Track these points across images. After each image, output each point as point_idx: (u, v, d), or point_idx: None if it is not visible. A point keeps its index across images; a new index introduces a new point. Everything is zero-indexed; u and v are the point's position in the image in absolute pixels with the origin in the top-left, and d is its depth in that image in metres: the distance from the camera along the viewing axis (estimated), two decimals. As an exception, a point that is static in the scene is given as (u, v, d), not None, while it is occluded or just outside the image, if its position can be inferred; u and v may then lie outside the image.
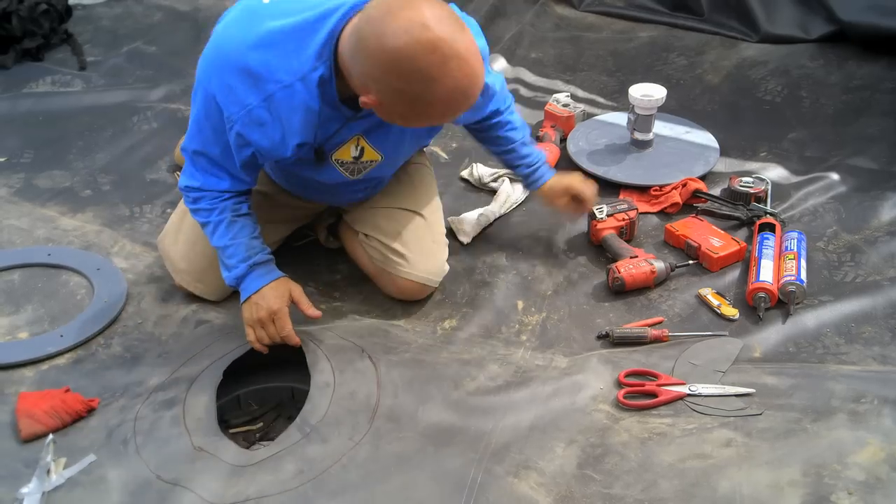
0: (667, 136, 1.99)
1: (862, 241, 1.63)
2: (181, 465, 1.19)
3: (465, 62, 1.09)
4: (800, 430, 1.20)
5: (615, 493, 1.13)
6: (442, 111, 1.14)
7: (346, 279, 1.60)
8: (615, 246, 1.62)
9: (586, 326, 1.48)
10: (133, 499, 1.15)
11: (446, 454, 1.20)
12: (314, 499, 1.14)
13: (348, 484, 1.16)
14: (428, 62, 1.07)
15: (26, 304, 1.52)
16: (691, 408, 1.27)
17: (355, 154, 1.34)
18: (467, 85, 1.11)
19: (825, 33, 2.33)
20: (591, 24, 2.61)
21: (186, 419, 1.25)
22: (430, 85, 1.09)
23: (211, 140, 1.30)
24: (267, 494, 1.14)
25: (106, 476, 1.17)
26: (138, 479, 1.17)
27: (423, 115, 1.16)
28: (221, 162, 1.33)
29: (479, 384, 1.33)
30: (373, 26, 1.09)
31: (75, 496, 1.15)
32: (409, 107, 1.13)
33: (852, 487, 1.10)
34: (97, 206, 1.82)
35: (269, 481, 1.16)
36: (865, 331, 1.40)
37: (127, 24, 2.65)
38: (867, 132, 1.98)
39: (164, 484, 1.16)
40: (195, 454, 1.20)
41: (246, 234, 1.36)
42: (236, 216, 1.36)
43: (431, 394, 1.30)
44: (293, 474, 1.17)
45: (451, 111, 1.15)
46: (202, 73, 1.25)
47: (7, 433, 1.24)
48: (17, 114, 2.17)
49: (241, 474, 1.18)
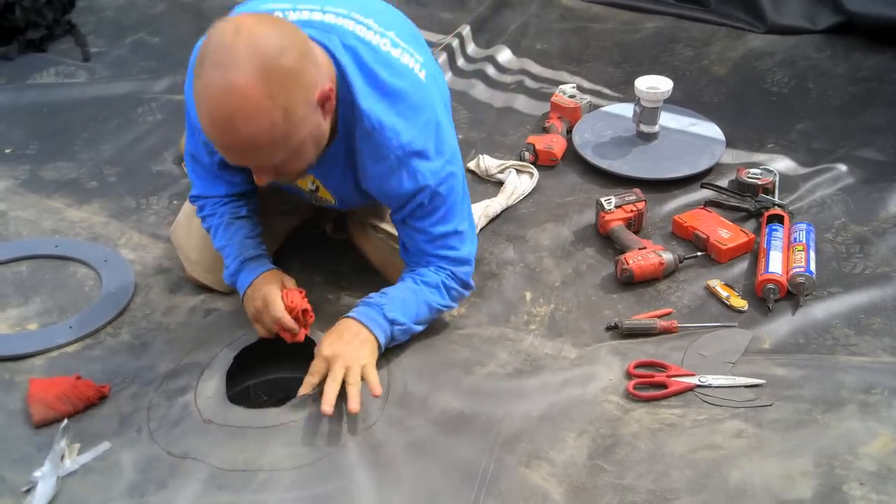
0: (673, 128, 1.98)
1: (870, 233, 1.63)
2: (191, 439, 1.20)
3: (207, 104, 1.03)
4: (810, 420, 1.20)
5: (627, 483, 1.13)
6: (206, 134, 1.08)
7: (353, 270, 1.60)
8: (623, 237, 1.62)
9: (595, 317, 1.48)
10: (143, 475, 1.15)
11: (457, 443, 1.20)
12: (327, 476, 1.14)
13: (361, 465, 1.16)
14: (196, 73, 1.03)
15: (35, 295, 1.52)
16: (701, 399, 1.27)
17: (311, 188, 1.36)
18: (210, 124, 1.04)
19: (832, 24, 2.32)
20: (596, 14, 2.60)
21: (198, 401, 1.26)
22: (194, 97, 1.04)
23: (200, 144, 1.31)
24: (281, 468, 1.15)
25: (120, 461, 1.18)
26: (148, 456, 1.18)
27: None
28: (211, 167, 1.33)
29: (490, 371, 1.33)
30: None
31: (89, 481, 1.15)
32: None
33: (864, 478, 1.10)
34: (103, 197, 1.81)
35: (282, 454, 1.17)
36: (875, 322, 1.40)
37: (130, 15, 2.64)
38: (874, 123, 1.98)
39: (174, 458, 1.17)
40: (204, 427, 1.21)
41: (241, 234, 1.37)
42: (234, 218, 1.38)
43: (441, 381, 1.30)
44: (308, 449, 1.18)
45: (212, 140, 1.08)
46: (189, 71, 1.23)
47: (19, 419, 1.24)
48: (22, 105, 2.16)
49: (252, 437, 1.19)
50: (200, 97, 1.03)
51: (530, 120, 2.12)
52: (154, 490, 1.13)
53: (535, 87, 2.25)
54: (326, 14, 1.21)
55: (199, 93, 1.03)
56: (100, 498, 1.13)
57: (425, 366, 1.33)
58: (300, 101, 1.06)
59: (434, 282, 1.32)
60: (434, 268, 1.34)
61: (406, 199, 1.26)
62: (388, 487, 1.13)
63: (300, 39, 1.08)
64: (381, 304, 1.29)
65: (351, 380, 1.20)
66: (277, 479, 1.14)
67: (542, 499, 1.11)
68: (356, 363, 1.22)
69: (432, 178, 1.24)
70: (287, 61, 1.03)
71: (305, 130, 1.09)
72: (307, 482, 1.14)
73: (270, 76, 1.01)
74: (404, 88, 1.21)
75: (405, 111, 1.21)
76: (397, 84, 1.20)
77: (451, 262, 1.34)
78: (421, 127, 1.23)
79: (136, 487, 1.14)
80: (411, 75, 1.23)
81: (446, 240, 1.32)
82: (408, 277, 1.35)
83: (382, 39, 1.22)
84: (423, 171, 1.23)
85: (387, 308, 1.28)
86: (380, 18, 1.26)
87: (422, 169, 1.23)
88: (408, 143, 1.21)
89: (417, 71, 1.24)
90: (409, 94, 1.22)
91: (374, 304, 1.29)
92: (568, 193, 1.83)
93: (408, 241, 1.35)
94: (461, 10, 2.64)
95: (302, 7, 1.22)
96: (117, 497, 1.13)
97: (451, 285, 1.35)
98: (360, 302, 1.32)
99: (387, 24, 1.27)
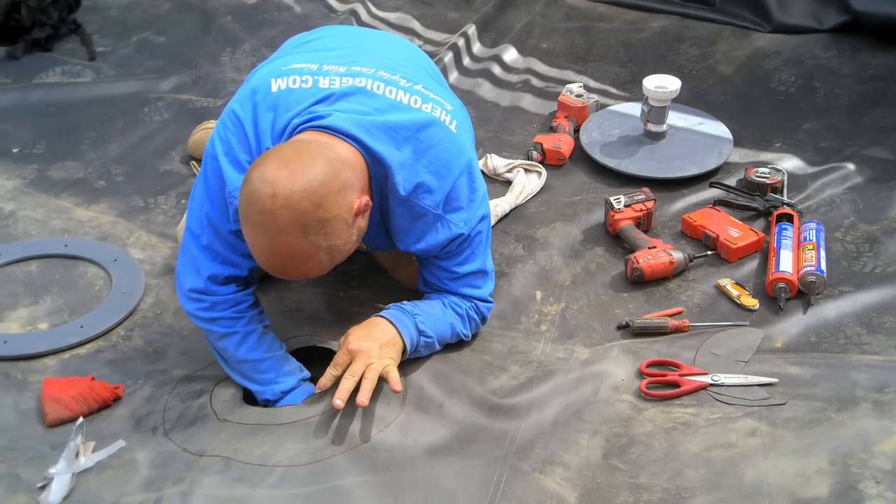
0: (680, 127, 1.98)
1: (880, 232, 1.63)
2: (207, 437, 1.20)
3: (256, 251, 1.10)
4: (825, 419, 1.20)
5: (641, 482, 1.13)
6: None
7: (364, 269, 1.60)
8: (633, 236, 1.62)
9: (606, 317, 1.48)
10: (159, 471, 1.16)
11: (472, 449, 1.20)
12: (343, 473, 1.14)
13: (377, 465, 1.16)
14: (240, 214, 1.09)
15: (45, 294, 1.52)
16: (714, 397, 1.27)
17: None
18: (261, 262, 1.11)
19: (839, 23, 2.32)
20: (601, 14, 2.60)
21: (213, 403, 1.26)
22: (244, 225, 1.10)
23: (226, 213, 1.22)
24: (297, 464, 1.15)
25: (135, 458, 1.18)
26: (164, 453, 1.19)
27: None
28: (234, 240, 1.23)
29: (502, 383, 1.32)
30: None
31: (104, 477, 1.16)
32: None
33: (879, 476, 1.10)
34: (111, 197, 1.81)
35: (299, 449, 1.17)
36: (887, 321, 1.40)
37: (135, 15, 2.64)
38: (882, 122, 1.98)
39: (190, 455, 1.18)
40: (220, 426, 1.22)
41: (277, 346, 1.32)
42: (265, 328, 1.31)
43: (456, 387, 1.30)
44: (324, 445, 1.18)
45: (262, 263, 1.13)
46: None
47: (32, 418, 1.25)
48: (28, 104, 2.16)
49: (269, 433, 1.19)
50: (252, 245, 1.10)
51: (537, 119, 2.12)
52: (171, 485, 1.14)
53: (541, 87, 2.25)
54: (356, 77, 1.23)
55: (251, 243, 1.10)
56: (115, 493, 1.13)
57: (441, 372, 1.33)
58: (341, 233, 1.11)
59: (461, 311, 1.35)
60: (459, 297, 1.35)
61: (440, 247, 1.28)
62: (404, 488, 1.13)
63: (331, 171, 1.08)
64: (414, 314, 1.29)
65: (369, 375, 1.21)
66: (294, 474, 1.14)
67: (559, 502, 1.11)
68: (378, 361, 1.22)
69: (465, 225, 1.27)
70: (323, 212, 1.07)
71: (350, 243, 1.14)
72: (324, 478, 1.14)
73: (310, 230, 1.07)
74: (437, 145, 1.23)
75: (439, 169, 1.23)
76: (431, 142, 1.23)
77: (472, 300, 1.36)
78: (455, 181, 1.25)
79: (151, 483, 1.14)
80: (444, 130, 1.25)
81: (469, 279, 1.34)
82: (436, 298, 1.36)
83: (413, 97, 1.24)
84: (457, 222, 1.26)
85: (419, 318, 1.29)
86: (406, 71, 1.29)
87: (456, 220, 1.26)
88: (443, 201, 1.24)
89: (448, 123, 1.26)
90: (442, 150, 1.24)
91: (407, 312, 1.30)
92: (576, 192, 1.83)
93: (430, 277, 1.36)
94: (467, 9, 2.64)
95: (329, 69, 1.24)
96: (133, 492, 1.13)
97: (473, 317, 1.37)
98: (393, 305, 1.32)
99: (414, 75, 1.29)
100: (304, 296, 1.52)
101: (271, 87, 1.22)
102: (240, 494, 1.12)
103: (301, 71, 1.23)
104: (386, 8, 2.65)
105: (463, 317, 1.35)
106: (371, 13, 2.61)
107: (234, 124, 1.22)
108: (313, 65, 1.25)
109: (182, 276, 1.29)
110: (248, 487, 1.12)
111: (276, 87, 1.22)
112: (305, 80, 1.22)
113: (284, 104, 1.20)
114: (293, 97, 1.21)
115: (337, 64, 1.25)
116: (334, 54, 1.29)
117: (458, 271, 1.32)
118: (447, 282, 1.34)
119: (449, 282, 1.34)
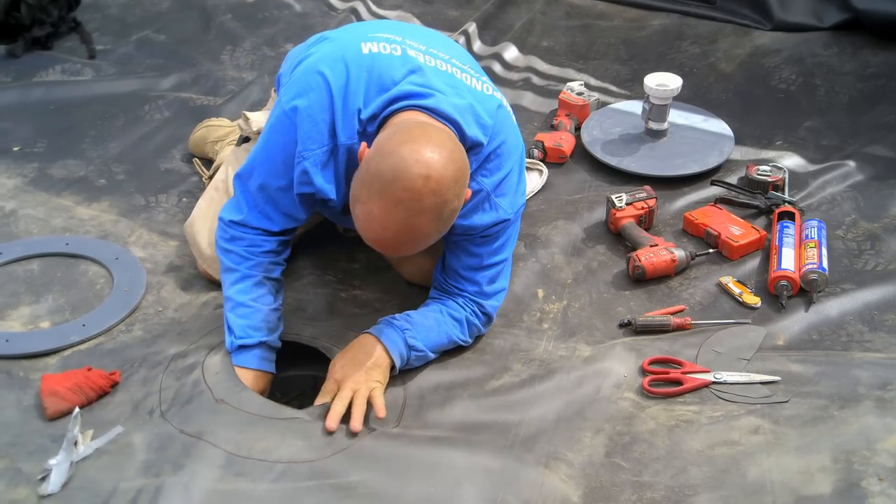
0: (681, 125, 1.98)
1: (881, 230, 1.63)
2: (203, 417, 1.20)
3: (380, 224, 1.09)
4: (827, 416, 1.20)
5: (645, 480, 1.13)
6: (358, 227, 1.13)
7: (366, 268, 1.60)
8: (634, 234, 1.62)
9: (608, 315, 1.48)
10: (157, 454, 1.16)
11: (476, 442, 1.20)
12: (347, 469, 1.14)
13: (380, 459, 1.16)
14: (370, 182, 1.08)
15: (46, 293, 1.52)
16: (717, 395, 1.27)
17: None
18: (373, 235, 1.11)
19: (839, 21, 2.32)
20: (601, 12, 2.60)
21: (206, 376, 1.26)
22: (360, 198, 1.10)
23: (280, 172, 1.26)
24: (299, 460, 1.15)
25: (132, 442, 1.19)
26: (161, 436, 1.19)
27: (352, 215, 1.13)
28: (280, 198, 1.28)
29: (505, 380, 1.33)
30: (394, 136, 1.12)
31: (102, 463, 1.16)
32: (350, 200, 1.13)
33: (882, 473, 1.10)
34: (112, 195, 1.81)
35: (301, 446, 1.17)
36: (889, 319, 1.40)
37: (135, 13, 2.63)
38: (883, 120, 1.98)
39: (187, 437, 1.18)
40: (216, 407, 1.22)
41: (267, 302, 1.31)
42: (266, 278, 1.32)
43: (457, 394, 1.30)
44: (325, 442, 1.18)
45: (362, 235, 1.13)
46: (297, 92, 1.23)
47: (34, 414, 1.25)
48: (29, 103, 2.15)
49: (270, 427, 1.19)
50: (374, 216, 1.08)
51: (538, 117, 2.11)
52: (170, 470, 1.14)
53: (541, 85, 2.25)
54: (435, 59, 1.26)
55: (375, 213, 1.08)
56: (113, 478, 1.13)
57: (441, 382, 1.32)
58: (454, 220, 1.15)
59: (459, 316, 1.34)
60: (462, 300, 1.35)
61: (482, 229, 1.28)
62: (408, 481, 1.13)
63: (466, 164, 1.14)
64: (403, 329, 1.29)
65: (358, 401, 1.21)
66: (295, 470, 1.14)
67: (562, 500, 1.11)
68: (365, 387, 1.22)
69: (510, 209, 1.29)
70: (458, 203, 1.12)
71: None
72: (326, 474, 1.14)
73: (443, 217, 1.10)
74: (505, 130, 1.28)
75: (503, 153, 1.26)
76: (502, 127, 1.27)
77: (483, 295, 1.36)
78: (512, 167, 1.28)
79: (150, 466, 1.14)
80: (509, 117, 1.31)
81: (492, 269, 1.35)
82: (435, 305, 1.35)
83: (483, 83, 1.29)
84: (503, 206, 1.28)
85: (409, 333, 1.29)
86: (465, 60, 1.32)
87: (503, 203, 1.28)
88: (497, 184, 1.26)
89: (506, 104, 1.31)
90: (507, 135, 1.28)
91: (397, 327, 1.29)
92: (578, 191, 1.83)
93: (454, 262, 1.35)
94: (467, 7, 2.64)
95: (412, 44, 1.26)
96: (132, 477, 1.13)
97: (474, 322, 1.36)
98: (383, 321, 1.31)
99: (472, 65, 1.33)
100: (305, 296, 1.52)
101: (361, 50, 1.22)
102: (241, 489, 1.12)
103: (389, 40, 1.25)
104: (386, 6, 2.64)
105: (461, 322, 1.34)
106: (371, 11, 2.60)
107: (319, 84, 1.20)
108: (397, 36, 1.27)
109: (224, 206, 1.34)
110: (249, 482, 1.12)
111: (368, 50, 1.22)
112: (395, 48, 1.24)
113: (378, 67, 1.21)
114: (385, 62, 1.22)
115: (416, 42, 1.27)
116: (409, 33, 1.31)
117: (485, 261, 1.33)
118: (469, 270, 1.34)
119: (471, 270, 1.34)
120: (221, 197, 1.51)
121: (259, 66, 2.33)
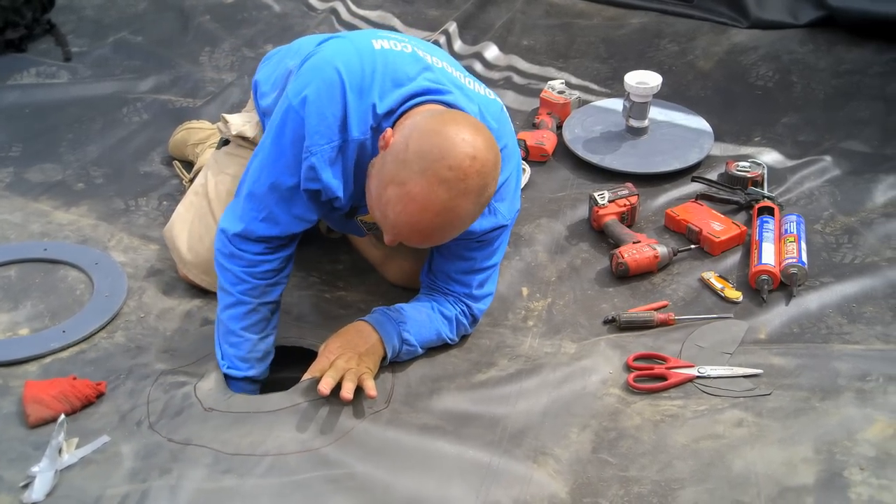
0: (661, 122, 2.00)
1: (858, 223, 1.65)
2: (192, 426, 1.20)
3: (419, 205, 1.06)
4: (809, 408, 1.22)
5: (632, 475, 1.14)
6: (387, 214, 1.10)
7: (349, 270, 1.59)
8: (617, 232, 1.63)
9: (592, 312, 1.49)
10: (144, 462, 1.15)
11: (464, 434, 1.21)
12: (335, 461, 1.14)
13: (369, 450, 1.16)
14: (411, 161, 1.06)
15: (25, 300, 1.49)
16: (701, 389, 1.29)
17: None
18: (408, 218, 1.08)
19: (814, 19, 2.35)
20: (581, 10, 2.61)
21: (198, 392, 1.25)
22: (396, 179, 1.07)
23: (293, 169, 1.20)
24: (287, 452, 1.15)
25: (119, 451, 1.17)
26: (148, 445, 1.18)
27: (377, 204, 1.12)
28: (292, 197, 1.22)
29: (491, 374, 1.33)
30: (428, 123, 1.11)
31: (88, 472, 1.14)
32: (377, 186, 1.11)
33: (864, 463, 1.12)
34: (91, 199, 1.79)
35: (288, 437, 1.16)
36: (867, 311, 1.43)
37: (111, 14, 2.59)
38: (858, 116, 2.01)
39: (175, 445, 1.17)
40: (206, 415, 1.21)
41: (258, 330, 1.27)
42: (262, 304, 1.27)
43: (444, 386, 1.30)
44: (314, 434, 1.17)
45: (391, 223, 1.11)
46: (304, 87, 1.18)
47: (14, 421, 1.23)
48: (3, 106, 2.11)
49: (256, 422, 1.18)
50: (414, 196, 1.06)
51: (519, 116, 2.12)
52: (157, 476, 1.13)
53: (522, 84, 2.26)
54: (442, 62, 1.26)
55: (415, 193, 1.05)
56: (99, 486, 1.12)
57: (428, 374, 1.33)
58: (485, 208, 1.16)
59: (449, 314, 1.34)
60: (453, 299, 1.35)
61: (478, 235, 1.28)
62: (396, 472, 1.13)
63: (499, 152, 1.14)
64: (398, 321, 1.29)
65: (349, 376, 1.20)
66: (283, 462, 1.14)
67: (550, 496, 1.12)
68: (357, 368, 1.22)
69: (508, 215, 1.29)
70: (494, 188, 1.13)
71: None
72: (314, 466, 1.13)
73: (481, 202, 1.11)
74: (508, 134, 1.29)
75: (506, 157, 1.25)
76: (504, 130, 1.28)
77: (472, 298, 1.36)
78: (511, 171, 1.28)
79: (136, 474, 1.13)
80: (509, 122, 1.31)
81: (483, 273, 1.35)
82: (426, 301, 1.35)
83: (482, 87, 1.30)
84: (502, 211, 1.28)
85: (404, 327, 1.29)
86: (454, 64, 1.32)
87: (501, 209, 1.28)
88: (500, 185, 1.25)
89: (503, 108, 1.32)
90: (510, 139, 1.29)
91: (392, 319, 1.29)
92: (560, 189, 1.84)
93: (444, 265, 1.34)
94: (447, 6, 2.64)
95: (418, 45, 1.25)
96: (118, 484, 1.12)
97: (462, 321, 1.36)
98: (379, 310, 1.31)
99: (458, 68, 1.32)
100: (290, 298, 1.50)
101: (373, 45, 1.21)
102: (228, 485, 1.11)
103: (398, 39, 1.24)
104: (366, 6, 2.63)
105: (451, 320, 1.35)
106: (351, 11, 2.59)
107: (332, 78, 1.16)
108: (403, 37, 1.27)
109: (225, 214, 1.28)
110: (236, 478, 1.12)
111: (379, 46, 1.21)
112: (405, 46, 1.23)
113: (392, 63, 1.19)
114: (398, 58, 1.20)
115: (420, 46, 1.27)
116: (410, 37, 1.30)
117: (479, 264, 1.33)
118: (460, 274, 1.33)
119: (462, 274, 1.33)
120: (201, 201, 1.50)
121: (239, 67, 2.31)
